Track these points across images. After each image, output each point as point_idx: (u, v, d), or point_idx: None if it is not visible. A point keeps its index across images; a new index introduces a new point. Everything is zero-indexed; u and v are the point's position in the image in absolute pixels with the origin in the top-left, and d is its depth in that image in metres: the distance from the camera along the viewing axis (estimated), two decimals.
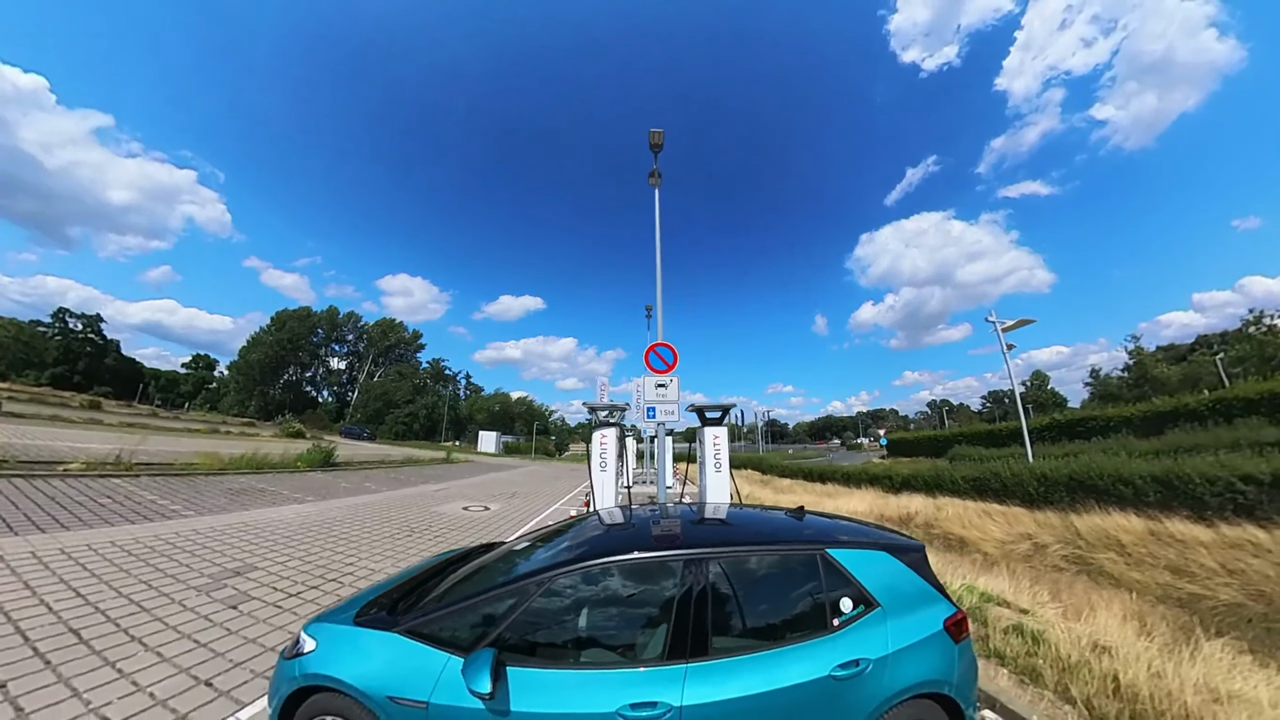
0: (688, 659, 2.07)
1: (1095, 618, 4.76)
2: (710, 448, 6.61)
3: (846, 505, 12.87)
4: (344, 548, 7.00)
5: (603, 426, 6.93)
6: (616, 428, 6.94)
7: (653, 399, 7.14)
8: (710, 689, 2.01)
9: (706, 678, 2.03)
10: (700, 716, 1.96)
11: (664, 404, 7.09)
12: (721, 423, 6.80)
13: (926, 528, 11.64)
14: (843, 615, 2.30)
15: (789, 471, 27.87)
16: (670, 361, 7.25)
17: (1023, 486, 11.23)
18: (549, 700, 1.98)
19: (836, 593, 2.34)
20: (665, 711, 1.93)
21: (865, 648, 2.21)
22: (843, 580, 2.37)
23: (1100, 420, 20.85)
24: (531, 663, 2.08)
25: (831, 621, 2.27)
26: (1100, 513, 9.66)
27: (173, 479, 11.10)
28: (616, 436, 6.90)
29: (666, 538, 2.70)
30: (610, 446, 6.78)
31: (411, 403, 63.32)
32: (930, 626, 2.37)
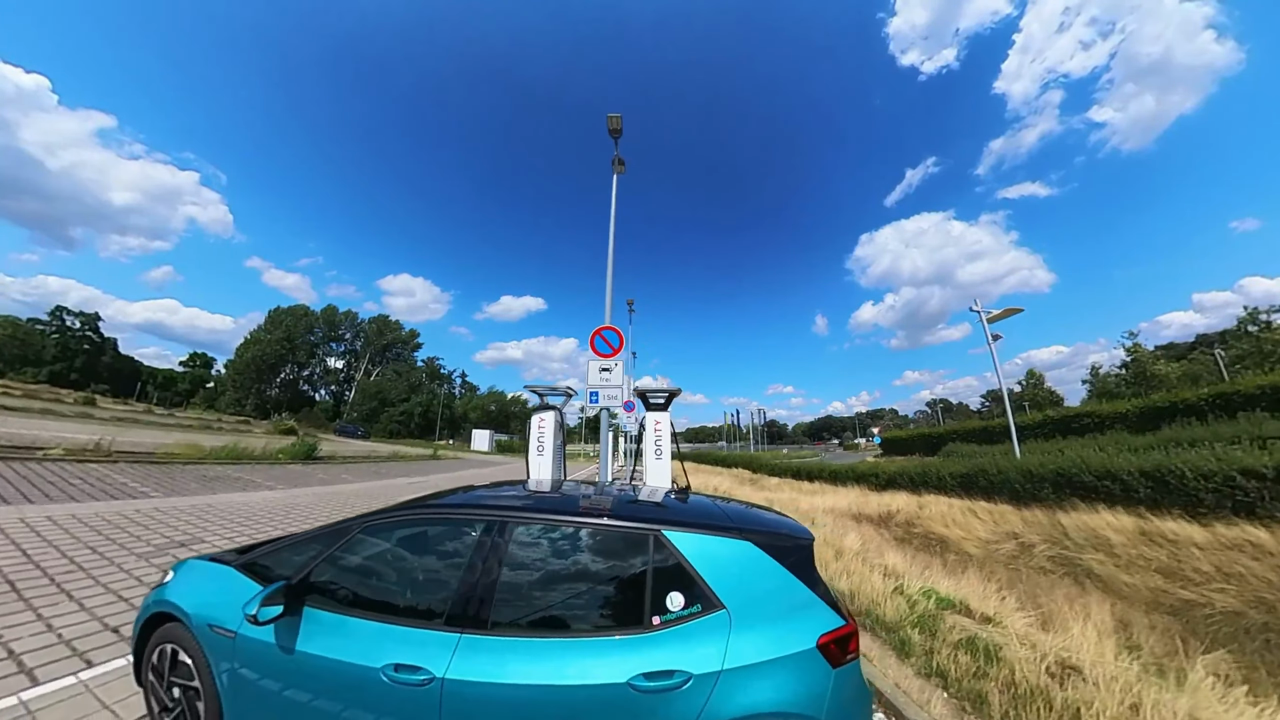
0: (464, 629, 1.85)
1: (1070, 629, 4.16)
2: (651, 433, 6.08)
3: (825, 503, 12.29)
4: (295, 526, 6.88)
5: (542, 410, 6.48)
6: (555, 411, 6.44)
7: (597, 383, 6.66)
8: (481, 666, 1.76)
9: (479, 653, 1.79)
10: (463, 694, 1.73)
11: (607, 388, 6.62)
12: (666, 408, 6.26)
13: (907, 526, 11.04)
14: (668, 614, 1.82)
15: (779, 470, 27.32)
16: (616, 345, 6.76)
17: (1009, 483, 10.63)
18: (330, 645, 1.89)
19: (665, 585, 1.88)
20: (426, 680, 1.74)
21: (690, 658, 1.73)
22: (677, 571, 1.91)
23: (1096, 417, 20.22)
24: (329, 605, 2.02)
25: (650, 619, 1.82)
26: (1089, 510, 9.07)
27: (150, 466, 11.33)
28: (555, 421, 6.41)
29: (485, 498, 2.38)
30: (549, 430, 6.35)
31: (406, 401, 62.86)
32: (797, 642, 1.82)
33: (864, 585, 4.84)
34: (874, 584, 4.88)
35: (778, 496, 14.27)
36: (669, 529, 1.99)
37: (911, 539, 10.45)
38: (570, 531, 2.14)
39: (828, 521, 9.71)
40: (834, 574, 5.27)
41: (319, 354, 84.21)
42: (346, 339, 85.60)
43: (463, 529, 2.20)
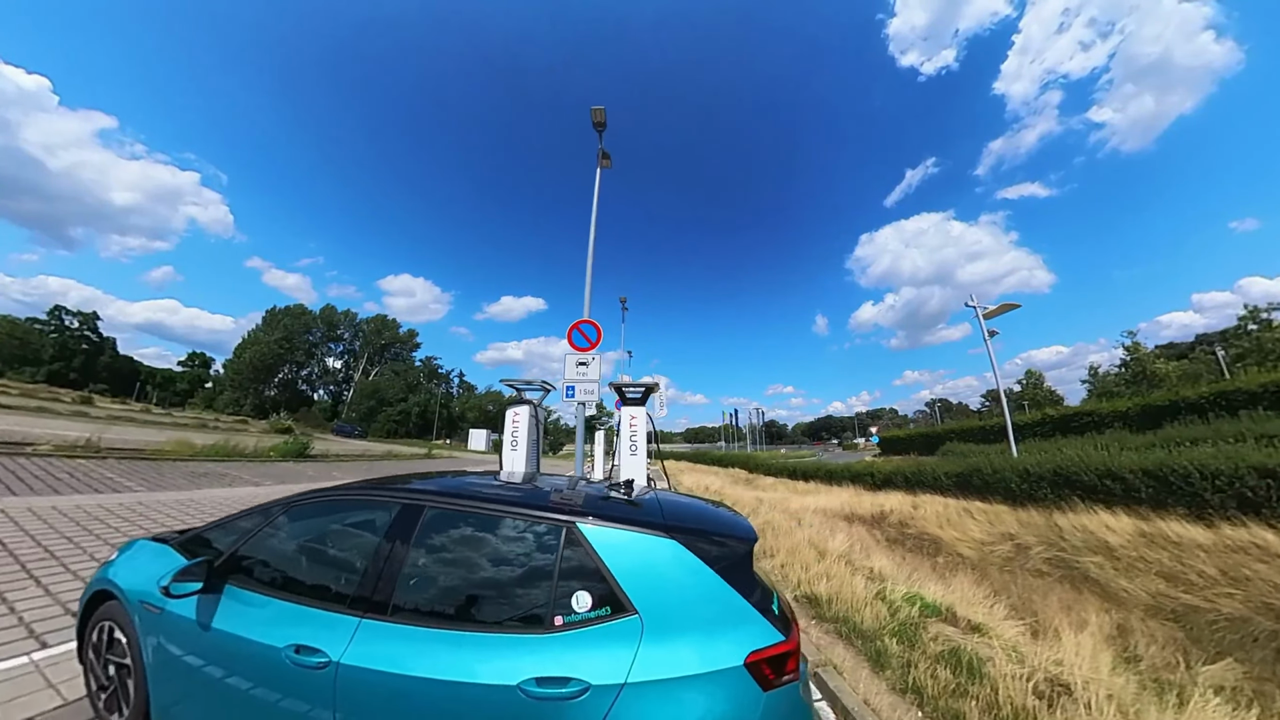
0: (365, 613, 1.77)
1: (1064, 639, 3.84)
2: (627, 429, 5.80)
3: (816, 502, 11.95)
4: None
5: (517, 404, 6.23)
6: (530, 406, 6.19)
7: (573, 377, 6.37)
8: (377, 653, 1.68)
9: (377, 639, 1.71)
10: (357, 680, 1.66)
11: (584, 383, 6.35)
12: (642, 403, 5.97)
13: (900, 527, 10.71)
14: (572, 615, 1.65)
15: (775, 470, 27.01)
16: (593, 339, 6.48)
17: (1005, 483, 10.30)
18: (243, 623, 1.89)
19: (573, 583, 1.71)
20: (323, 663, 1.69)
21: (590, 666, 1.55)
22: (588, 568, 1.73)
23: (1095, 415, 19.85)
24: (249, 584, 2.02)
25: (553, 619, 1.65)
26: (1087, 511, 8.74)
27: (139, 462, 11.14)
28: (530, 415, 6.16)
29: (408, 482, 2.29)
30: (523, 425, 6.13)
31: (404, 401, 62.54)
32: (721, 658, 1.58)
33: (844, 589, 4.52)
34: (855, 588, 4.56)
35: (769, 496, 13.94)
36: (585, 522, 1.80)
37: (904, 540, 10.12)
38: (484, 519, 1.98)
39: (815, 521, 9.38)
40: (813, 577, 4.95)
41: (318, 354, 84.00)
42: (345, 339, 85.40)
43: (380, 512, 2.10)
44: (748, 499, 11.33)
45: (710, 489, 14.14)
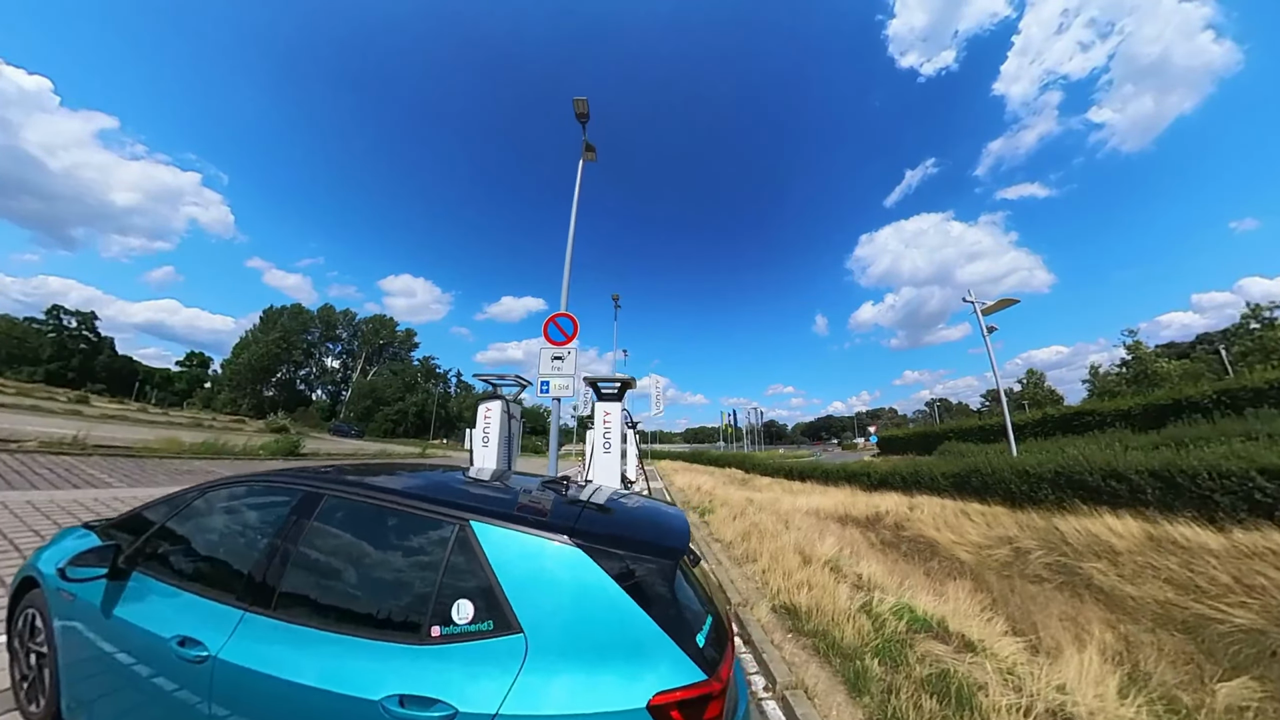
0: (249, 605, 1.67)
1: (1067, 658, 3.47)
2: (600, 426, 5.45)
3: (810, 503, 11.57)
4: None
5: (489, 399, 5.92)
6: (502, 401, 5.86)
7: (548, 372, 6.01)
8: (252, 650, 1.57)
9: (256, 634, 1.61)
10: (230, 678, 1.55)
11: (559, 377, 5.99)
12: (619, 398, 5.62)
13: (896, 529, 10.33)
14: (450, 626, 1.43)
15: (771, 470, 26.65)
16: (570, 333, 6.11)
17: (1004, 484, 9.91)
18: (141, 611, 1.82)
19: (456, 590, 1.49)
20: (202, 657, 1.59)
21: (461, 689, 1.33)
22: (475, 573, 1.50)
23: (1096, 414, 19.46)
24: (154, 571, 1.95)
25: (430, 629, 1.45)
26: (1090, 514, 8.36)
27: (124, 459, 11.11)
28: (502, 410, 5.84)
29: (319, 469, 2.15)
30: (494, 420, 5.83)
31: (401, 400, 62.17)
32: (620, 697, 1.30)
33: (826, 600, 4.14)
34: (838, 598, 4.18)
35: (762, 497, 13.56)
36: (480, 519, 1.58)
37: (899, 543, 9.74)
38: (378, 512, 1.79)
39: (806, 524, 9.01)
40: (794, 585, 4.58)
41: (316, 354, 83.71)
42: (344, 339, 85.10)
43: (283, 499, 1.97)
44: (738, 499, 10.96)
45: (702, 489, 13.77)
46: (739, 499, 10.99)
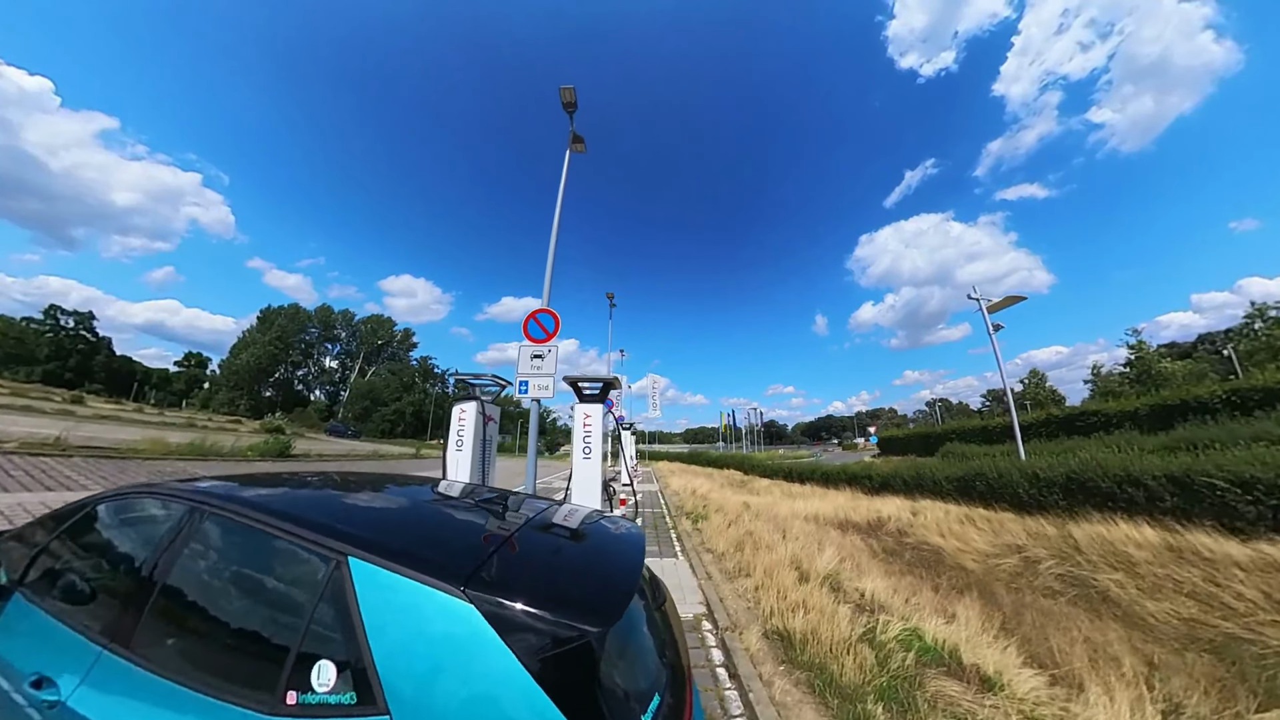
0: (110, 641, 1.35)
1: (1094, 695, 3.07)
2: (580, 430, 5.03)
3: (809, 508, 11.16)
4: None
5: (463, 400, 5.53)
6: (477, 402, 5.46)
7: (528, 371, 5.61)
8: (101, 702, 1.26)
9: (106, 681, 1.30)
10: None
11: (539, 377, 5.58)
12: (601, 400, 5.21)
13: (899, 536, 9.91)
14: (307, 694, 1.09)
15: (771, 471, 26.24)
16: (551, 329, 5.70)
17: (1012, 488, 9.50)
18: (9, 641, 1.55)
19: (320, 645, 1.15)
20: (53, 701, 1.29)
21: None
22: (346, 628, 1.14)
23: (1102, 415, 19.04)
24: (36, 593, 1.66)
25: (284, 693, 1.11)
26: (1104, 521, 7.95)
27: (105, 461, 10.91)
28: (477, 412, 5.44)
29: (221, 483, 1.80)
30: (469, 423, 5.43)
31: (399, 401, 61.79)
32: None
33: (823, 625, 3.74)
34: (837, 623, 3.78)
35: (759, 501, 13.16)
36: (360, 555, 1.22)
37: (902, 551, 9.33)
38: (253, 535, 1.43)
39: (805, 532, 8.60)
40: (789, 606, 4.17)
41: (314, 354, 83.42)
42: (342, 339, 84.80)
43: (164, 514, 1.70)
44: (734, 505, 10.56)
45: (697, 493, 13.37)
46: (735, 504, 10.58)
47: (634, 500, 12.16)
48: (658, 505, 11.53)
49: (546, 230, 6.94)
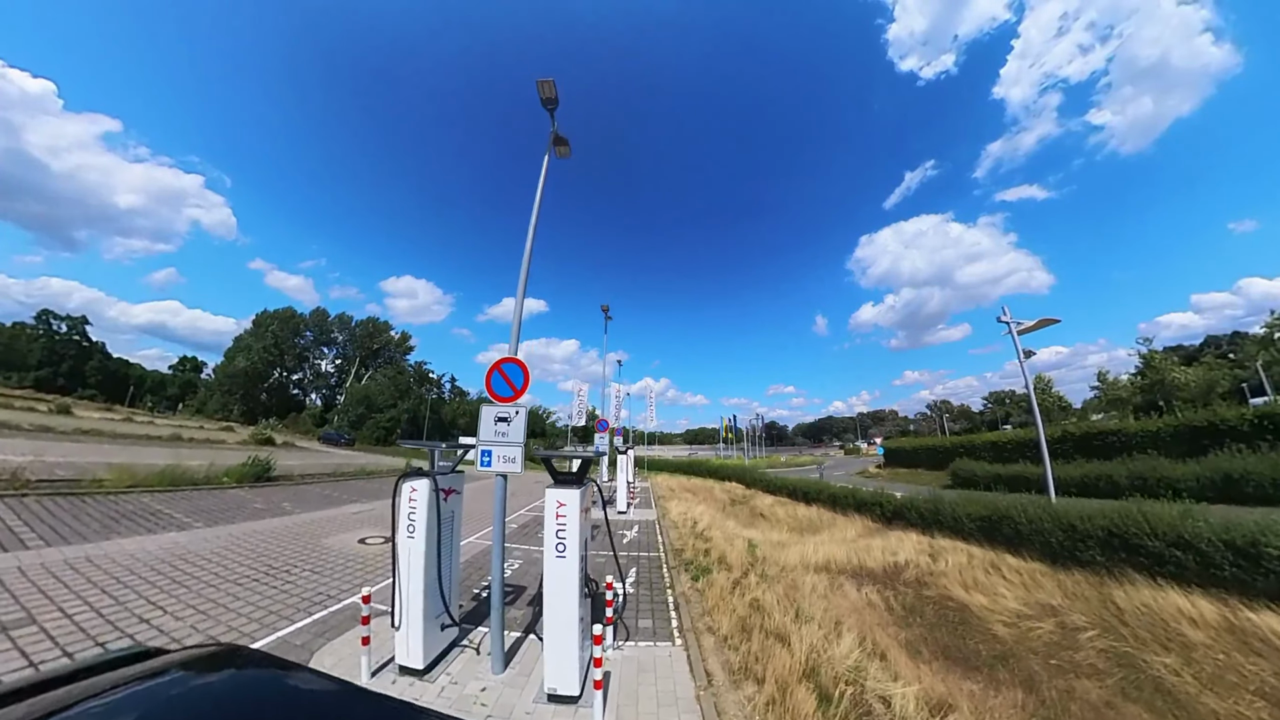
0: None
1: None
2: (553, 522, 4.22)
3: (820, 552, 10.39)
4: (158, 598, 5.90)
5: (411, 476, 4.70)
6: (429, 479, 4.62)
7: (490, 438, 4.80)
8: None
9: None
10: None
11: (504, 446, 4.77)
12: (579, 482, 4.40)
13: (918, 588, 9.15)
14: None
15: (774, 486, 25.51)
16: (519, 385, 4.88)
17: (1043, 535, 8.74)
18: None
19: None
20: None
21: None
22: None
23: (1122, 435, 18.26)
24: None
25: None
26: (1150, 585, 7.18)
27: (63, 499, 10.32)
28: (431, 491, 4.60)
29: None
30: (422, 505, 4.60)
31: (394, 407, 60.97)
32: None
33: None
34: None
35: (767, 537, 12.42)
36: None
37: (923, 606, 8.57)
38: None
39: (818, 592, 7.85)
40: None
41: (309, 357, 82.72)
42: (339, 342, 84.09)
43: None
44: (738, 549, 9.79)
45: (698, 526, 12.58)
46: (739, 549, 9.81)
47: (631, 533, 11.40)
48: (655, 544, 10.75)
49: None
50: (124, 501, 11.11)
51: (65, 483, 11.68)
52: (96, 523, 9.03)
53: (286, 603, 6.18)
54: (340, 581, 7.19)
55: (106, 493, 11.54)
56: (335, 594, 6.67)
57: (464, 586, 7.41)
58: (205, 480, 14.80)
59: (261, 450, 30.09)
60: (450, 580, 4.94)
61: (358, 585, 7.06)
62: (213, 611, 5.70)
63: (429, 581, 4.58)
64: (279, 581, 6.95)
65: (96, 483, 11.99)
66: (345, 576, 7.47)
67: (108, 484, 12.01)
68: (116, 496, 11.44)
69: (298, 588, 6.79)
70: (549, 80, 6.49)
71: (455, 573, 5.15)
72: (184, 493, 13.21)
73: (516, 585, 7.60)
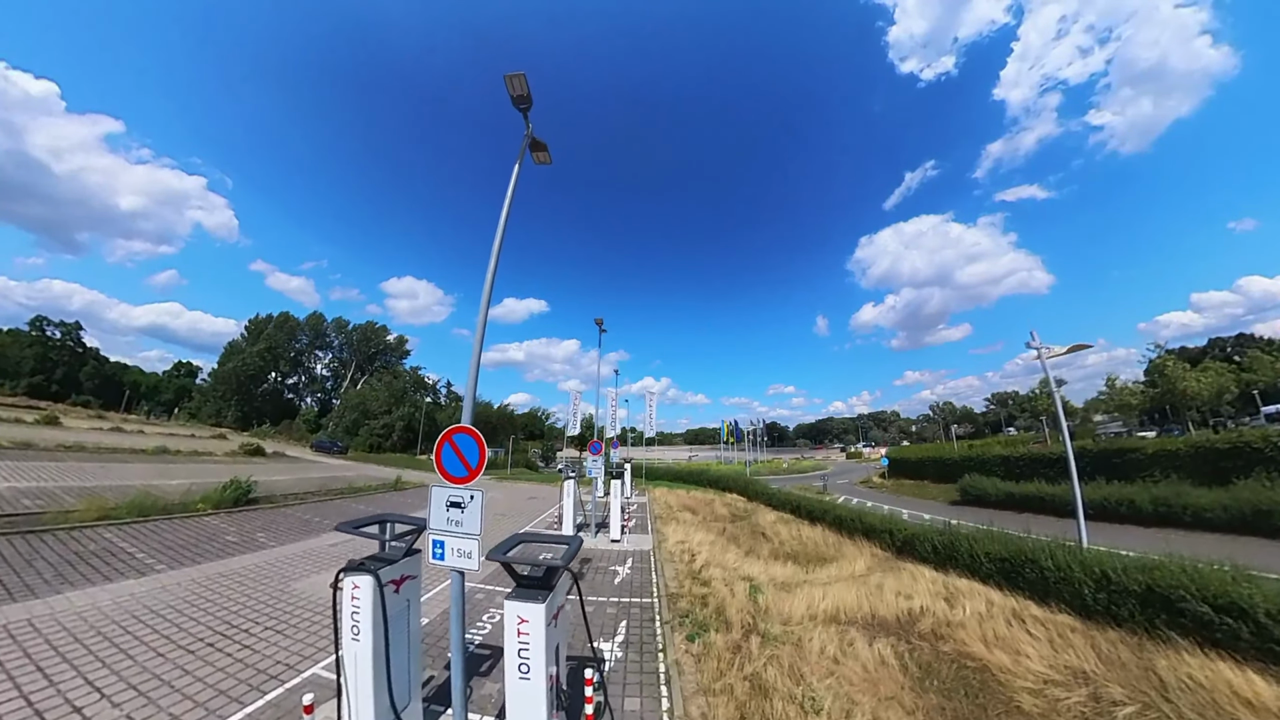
0: None
1: None
2: (514, 644, 3.54)
3: (829, 598, 9.66)
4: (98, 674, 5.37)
5: (353, 571, 3.98)
6: (371, 576, 3.90)
7: (442, 527, 4.10)
8: None
9: None
10: None
11: (458, 538, 4.06)
12: (547, 589, 3.71)
13: (935, 642, 8.41)
14: None
15: (778, 502, 24.83)
16: (475, 464, 4.17)
17: (1073, 585, 8.02)
18: None
19: None
20: None
21: None
22: None
23: (1139, 453, 17.51)
24: None
25: None
26: (1196, 652, 6.46)
27: (20, 539, 9.80)
28: (374, 590, 3.88)
29: None
30: (365, 605, 3.89)
31: (389, 413, 60.27)
32: None
33: None
34: None
35: (770, 573, 11.71)
36: None
37: (940, 664, 7.83)
38: None
39: (827, 652, 7.13)
40: None
41: (304, 362, 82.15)
42: (335, 346, 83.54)
43: None
44: (739, 596, 9.10)
45: (696, 560, 11.87)
46: (740, 596, 9.11)
47: (624, 570, 10.64)
48: (649, 585, 10.05)
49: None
50: (87, 539, 10.56)
51: (27, 517, 11.17)
52: (51, 569, 8.45)
53: (239, 676, 5.59)
54: (302, 644, 6.57)
55: (71, 527, 11.01)
56: (294, 662, 6.08)
57: (438, 648, 6.75)
58: (180, 507, 14.21)
59: (249, 464, 29.48)
60: (410, 675, 4.24)
61: (321, 646, 6.47)
62: (155, 692, 5.11)
63: (378, 687, 3.88)
64: (235, 646, 6.37)
65: (64, 514, 11.52)
66: (309, 634, 6.88)
67: (75, 516, 11.49)
68: (81, 532, 10.89)
69: (255, 654, 6.19)
70: (519, 75, 5.72)
71: (415, 666, 4.42)
72: (154, 524, 12.64)
73: (493, 646, 6.91)
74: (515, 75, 5.71)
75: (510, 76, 5.72)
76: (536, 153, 6.97)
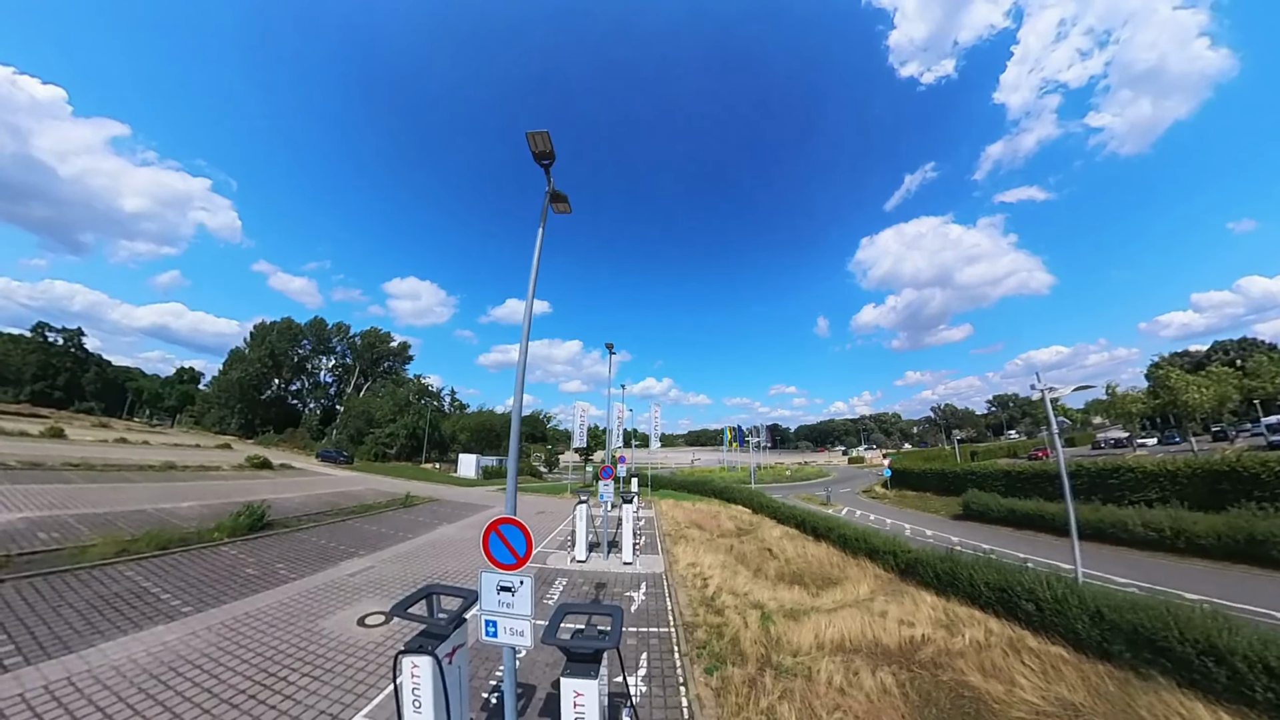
0: None
1: None
2: (570, 714, 3.98)
3: (834, 626, 10.11)
4: None
5: (413, 653, 4.38)
6: (431, 658, 4.32)
7: (494, 609, 4.51)
8: None
9: None
10: None
11: (510, 619, 4.47)
12: (595, 664, 4.15)
13: (934, 671, 8.86)
14: None
15: (783, 516, 25.33)
16: (521, 553, 4.56)
17: (1066, 619, 8.48)
18: None
19: None
20: None
21: None
22: None
23: (1137, 473, 17.91)
24: None
25: None
26: (1175, 690, 6.91)
27: (43, 581, 9.56)
28: (433, 671, 4.30)
29: None
30: (426, 684, 4.28)
31: (393, 422, 60.71)
32: None
33: None
34: None
35: (778, 598, 12.14)
36: None
37: (938, 693, 8.28)
38: None
39: (834, 683, 7.59)
40: None
41: (307, 367, 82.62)
42: (337, 351, 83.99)
43: None
44: (751, 635, 9.56)
45: (708, 586, 12.33)
46: (753, 625, 9.56)
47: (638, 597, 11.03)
48: (664, 613, 10.50)
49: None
50: (109, 579, 10.33)
51: (44, 555, 10.98)
52: (79, 616, 8.25)
53: None
54: (341, 691, 6.81)
55: (92, 565, 10.77)
56: (337, 711, 6.32)
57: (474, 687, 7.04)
58: (196, 536, 14.25)
59: (256, 479, 29.86)
60: None
61: (360, 693, 6.75)
62: None
63: None
64: (276, 697, 6.56)
65: (82, 551, 11.36)
66: (345, 679, 7.11)
67: (94, 551, 11.43)
68: (102, 571, 10.66)
69: (297, 704, 6.42)
70: (543, 132, 5.72)
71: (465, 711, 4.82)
72: (173, 558, 12.56)
73: (525, 684, 7.29)
74: (539, 133, 5.73)
75: (533, 134, 5.74)
76: (556, 204, 7.11)
